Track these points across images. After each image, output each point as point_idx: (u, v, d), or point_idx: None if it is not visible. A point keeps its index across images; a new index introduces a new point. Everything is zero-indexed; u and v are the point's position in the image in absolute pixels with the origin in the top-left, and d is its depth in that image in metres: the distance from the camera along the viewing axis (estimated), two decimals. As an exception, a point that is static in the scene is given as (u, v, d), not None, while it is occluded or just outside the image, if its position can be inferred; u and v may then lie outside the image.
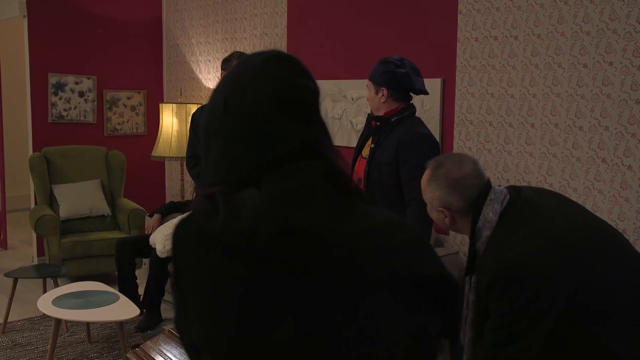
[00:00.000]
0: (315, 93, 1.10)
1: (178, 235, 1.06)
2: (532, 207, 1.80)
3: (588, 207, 3.25)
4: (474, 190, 1.84)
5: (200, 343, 1.04)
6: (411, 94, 3.07)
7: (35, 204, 5.67)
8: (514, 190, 1.86)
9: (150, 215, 5.07)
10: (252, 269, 0.99)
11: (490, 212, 1.81)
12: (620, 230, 3.16)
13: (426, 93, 3.09)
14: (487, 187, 1.85)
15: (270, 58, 1.08)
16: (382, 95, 3.03)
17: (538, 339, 1.66)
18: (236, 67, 1.11)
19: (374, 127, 3.07)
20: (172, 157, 5.58)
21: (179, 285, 1.06)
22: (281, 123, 1.05)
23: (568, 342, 1.65)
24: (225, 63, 3.79)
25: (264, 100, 1.05)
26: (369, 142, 3.12)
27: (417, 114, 3.12)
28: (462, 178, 1.85)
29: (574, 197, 3.31)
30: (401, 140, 2.93)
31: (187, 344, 1.10)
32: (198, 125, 3.79)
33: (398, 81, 3.00)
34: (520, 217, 1.79)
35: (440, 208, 1.89)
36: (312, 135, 1.08)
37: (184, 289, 1.05)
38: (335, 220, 1.01)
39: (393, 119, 3.01)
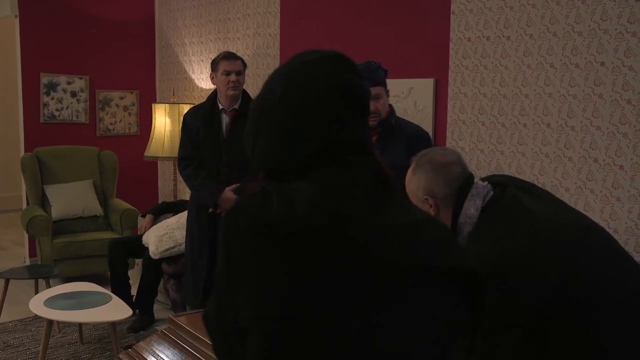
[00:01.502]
0: (368, 94, 1.16)
1: (228, 225, 1.09)
2: (515, 203, 1.76)
3: (580, 207, 3.27)
4: (458, 179, 1.82)
5: (250, 326, 1.06)
6: None
7: (27, 204, 5.65)
8: (499, 188, 1.82)
9: (143, 216, 5.06)
10: (299, 259, 1.02)
11: (472, 208, 1.78)
12: (612, 230, 3.18)
13: None
14: (470, 179, 1.83)
15: (329, 56, 1.15)
16: (389, 97, 3.03)
17: (516, 337, 1.62)
18: (294, 62, 1.16)
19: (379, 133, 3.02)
20: (164, 157, 5.57)
21: (229, 272, 1.08)
22: (336, 117, 1.10)
23: (554, 343, 1.62)
24: (214, 65, 3.77)
25: (322, 94, 1.10)
26: None
27: (410, 115, 3.12)
28: (447, 164, 1.84)
29: (566, 196, 3.32)
30: (413, 141, 2.88)
31: (226, 330, 1.11)
32: (189, 126, 3.78)
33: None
34: (503, 213, 1.76)
35: (424, 197, 1.85)
36: (363, 132, 1.14)
37: (235, 276, 1.07)
38: (378, 212, 1.07)
39: (393, 122, 3.00)
